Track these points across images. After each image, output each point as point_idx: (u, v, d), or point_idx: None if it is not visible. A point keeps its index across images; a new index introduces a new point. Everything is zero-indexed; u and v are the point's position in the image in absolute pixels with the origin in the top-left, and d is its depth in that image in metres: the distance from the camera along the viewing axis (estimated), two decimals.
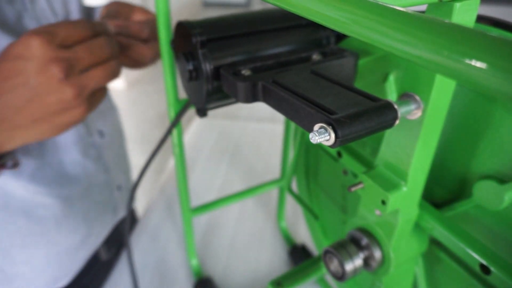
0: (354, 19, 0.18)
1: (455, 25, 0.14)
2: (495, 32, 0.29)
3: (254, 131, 1.02)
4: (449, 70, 0.14)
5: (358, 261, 0.35)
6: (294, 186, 0.64)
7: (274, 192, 0.79)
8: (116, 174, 0.66)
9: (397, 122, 0.26)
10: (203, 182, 0.84)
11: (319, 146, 0.51)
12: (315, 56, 0.38)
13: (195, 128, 1.04)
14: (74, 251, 0.63)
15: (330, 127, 0.24)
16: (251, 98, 0.32)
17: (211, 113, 0.43)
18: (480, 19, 0.29)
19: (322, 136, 0.24)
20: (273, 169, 0.86)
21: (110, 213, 0.70)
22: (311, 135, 0.24)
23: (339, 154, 0.42)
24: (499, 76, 0.12)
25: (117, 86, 2.15)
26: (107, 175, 0.62)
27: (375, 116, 0.25)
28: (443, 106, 0.28)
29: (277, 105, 0.30)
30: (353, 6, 0.18)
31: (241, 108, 1.12)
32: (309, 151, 0.55)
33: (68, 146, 0.53)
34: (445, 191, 0.36)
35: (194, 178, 0.85)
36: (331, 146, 0.24)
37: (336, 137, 0.24)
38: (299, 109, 0.27)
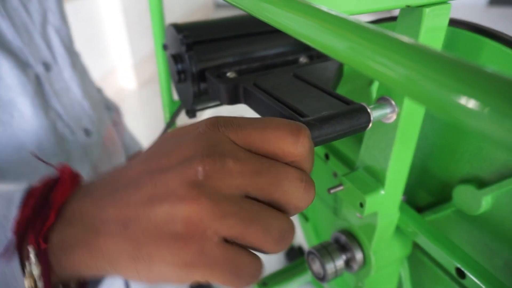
0: (327, 36, 0.17)
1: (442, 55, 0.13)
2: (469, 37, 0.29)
3: None
4: (428, 101, 0.13)
5: (339, 263, 0.36)
6: None
7: None
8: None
9: (370, 125, 0.26)
10: None
11: None
12: (302, 59, 0.38)
13: None
14: None
15: None
16: (233, 100, 0.33)
17: (212, 111, 0.43)
18: (455, 23, 0.29)
19: None
20: None
21: None
22: None
23: (326, 156, 0.42)
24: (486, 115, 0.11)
25: (129, 86, 2.17)
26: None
27: (346, 119, 0.26)
28: (418, 110, 0.28)
29: (257, 107, 0.31)
30: (328, 23, 0.17)
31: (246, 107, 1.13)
32: None
33: (48, 150, 0.47)
34: (428, 194, 0.36)
35: None
36: None
37: None
38: (274, 111, 0.28)
